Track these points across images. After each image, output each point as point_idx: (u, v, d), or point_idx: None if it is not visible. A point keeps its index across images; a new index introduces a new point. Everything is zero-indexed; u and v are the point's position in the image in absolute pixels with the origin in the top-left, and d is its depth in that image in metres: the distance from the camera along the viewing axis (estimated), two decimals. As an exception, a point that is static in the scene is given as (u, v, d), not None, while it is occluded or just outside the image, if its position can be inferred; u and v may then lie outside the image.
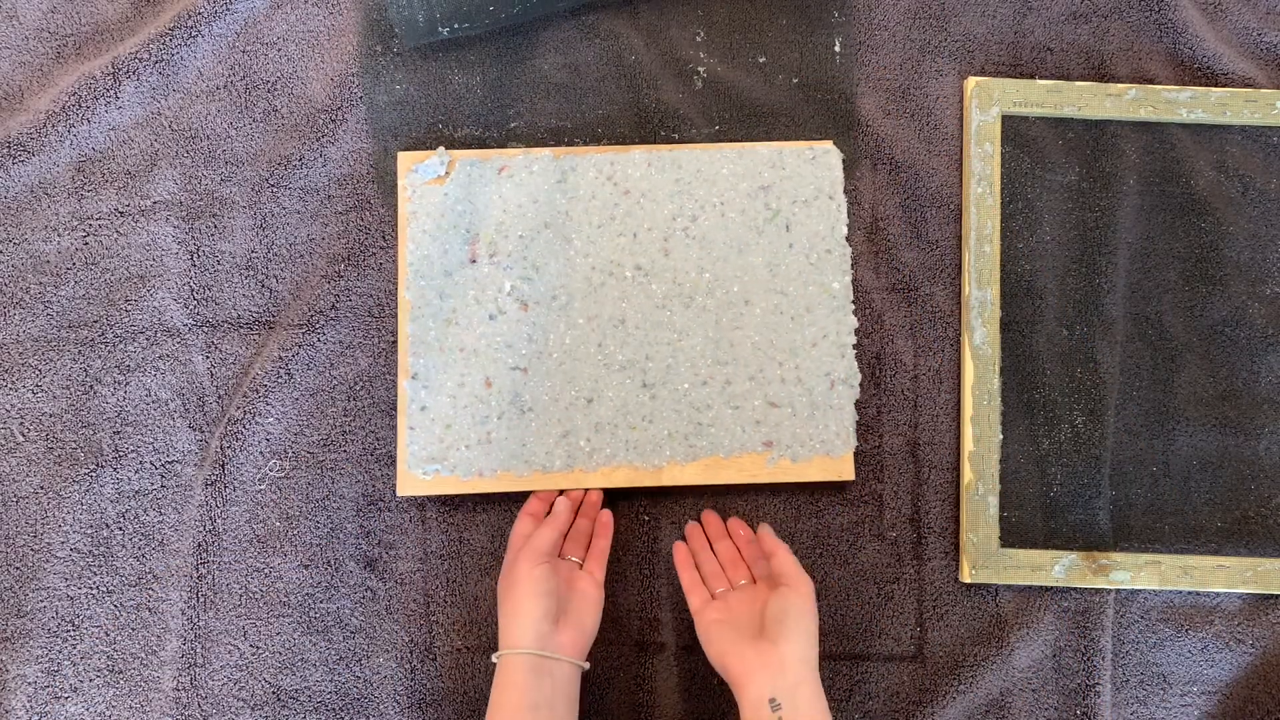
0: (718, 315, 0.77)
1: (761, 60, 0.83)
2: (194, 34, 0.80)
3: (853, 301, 0.78)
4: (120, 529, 0.78)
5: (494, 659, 0.67)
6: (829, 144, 0.80)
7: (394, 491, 0.78)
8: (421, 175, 0.78)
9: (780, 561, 0.69)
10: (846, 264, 0.78)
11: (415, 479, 0.76)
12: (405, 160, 0.79)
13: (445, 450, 0.76)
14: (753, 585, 0.71)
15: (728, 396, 0.77)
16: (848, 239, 0.79)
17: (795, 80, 0.83)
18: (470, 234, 0.78)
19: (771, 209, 0.78)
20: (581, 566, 0.73)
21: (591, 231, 0.78)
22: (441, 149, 0.78)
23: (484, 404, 0.76)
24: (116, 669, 0.77)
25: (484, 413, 0.76)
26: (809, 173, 0.79)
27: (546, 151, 0.79)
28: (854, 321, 0.78)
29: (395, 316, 0.80)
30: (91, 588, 0.78)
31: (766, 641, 0.65)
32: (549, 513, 0.75)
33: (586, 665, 0.68)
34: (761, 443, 0.76)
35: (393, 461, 0.79)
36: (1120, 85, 0.80)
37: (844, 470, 0.77)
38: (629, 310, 0.77)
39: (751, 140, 0.81)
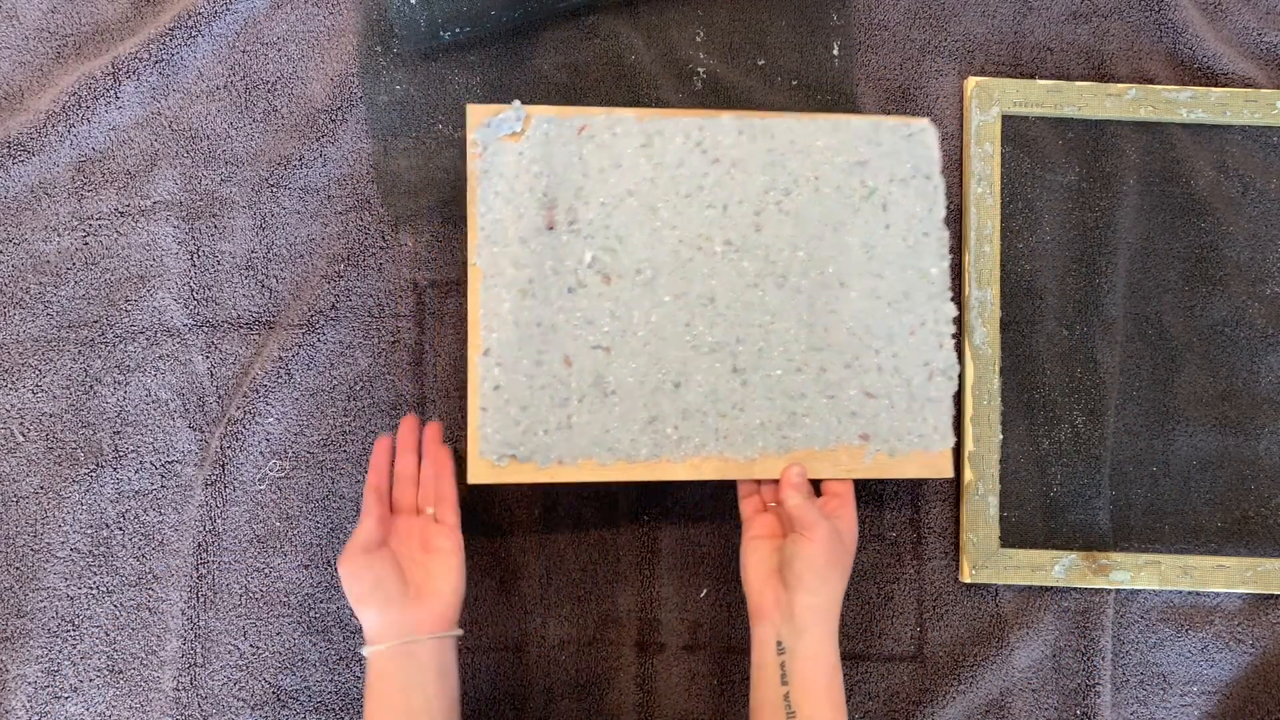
0: (812, 297, 0.71)
1: (761, 62, 0.83)
2: (194, 34, 0.80)
3: (950, 289, 0.73)
4: (120, 529, 0.78)
5: (364, 652, 0.65)
6: (925, 121, 0.74)
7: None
8: (494, 130, 0.71)
9: (791, 508, 0.67)
10: (944, 248, 0.73)
11: (489, 466, 0.68)
12: (475, 113, 0.71)
13: (522, 435, 0.69)
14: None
15: (823, 385, 0.71)
16: (945, 221, 0.74)
17: (795, 81, 0.83)
18: (548, 198, 0.71)
19: (868, 186, 0.73)
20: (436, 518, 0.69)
21: (678, 201, 0.72)
22: (516, 102, 0.71)
23: (564, 385, 0.70)
24: (116, 669, 0.77)
25: (564, 394, 0.70)
26: (905, 150, 0.73)
27: (630, 112, 0.73)
28: (952, 309, 0.73)
29: (396, 317, 0.80)
30: (91, 588, 0.78)
31: (782, 585, 0.66)
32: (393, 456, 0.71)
33: (458, 633, 0.66)
34: (858, 435, 0.71)
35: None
36: (1120, 85, 0.80)
37: (943, 467, 0.72)
38: (719, 288, 0.71)
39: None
